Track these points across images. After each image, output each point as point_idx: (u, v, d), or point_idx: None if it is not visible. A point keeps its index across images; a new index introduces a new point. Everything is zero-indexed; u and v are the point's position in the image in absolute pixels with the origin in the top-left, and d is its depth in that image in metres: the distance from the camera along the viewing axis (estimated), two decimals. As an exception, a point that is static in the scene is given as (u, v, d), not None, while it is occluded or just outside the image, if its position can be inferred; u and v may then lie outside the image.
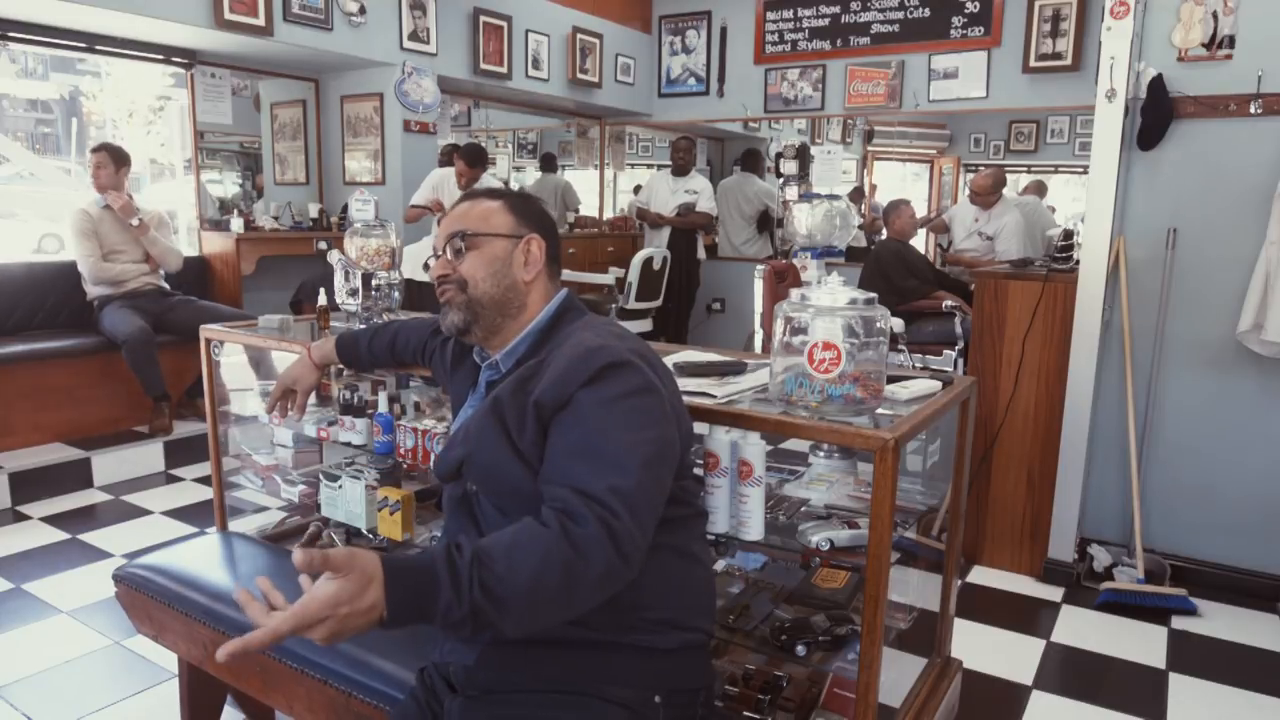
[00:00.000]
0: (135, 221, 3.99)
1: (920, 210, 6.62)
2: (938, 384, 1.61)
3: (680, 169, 5.92)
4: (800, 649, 1.51)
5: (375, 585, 0.94)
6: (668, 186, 5.95)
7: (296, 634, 0.92)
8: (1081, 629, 2.65)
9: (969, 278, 4.22)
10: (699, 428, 1.46)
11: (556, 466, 1.13)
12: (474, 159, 4.78)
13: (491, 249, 1.31)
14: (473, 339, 1.35)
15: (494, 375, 1.35)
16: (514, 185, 7.04)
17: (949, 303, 4.03)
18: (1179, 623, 2.68)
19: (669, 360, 1.64)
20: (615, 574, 1.05)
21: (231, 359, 2.30)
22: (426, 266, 1.39)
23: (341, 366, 1.90)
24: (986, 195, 4.92)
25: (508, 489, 1.19)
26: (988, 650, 2.49)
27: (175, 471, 3.93)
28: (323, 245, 4.84)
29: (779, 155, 6.18)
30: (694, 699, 1.27)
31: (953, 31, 5.18)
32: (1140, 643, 2.56)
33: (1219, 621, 2.69)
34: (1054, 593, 2.89)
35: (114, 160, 4.00)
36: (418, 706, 1.29)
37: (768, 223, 6.65)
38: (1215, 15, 2.72)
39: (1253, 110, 2.70)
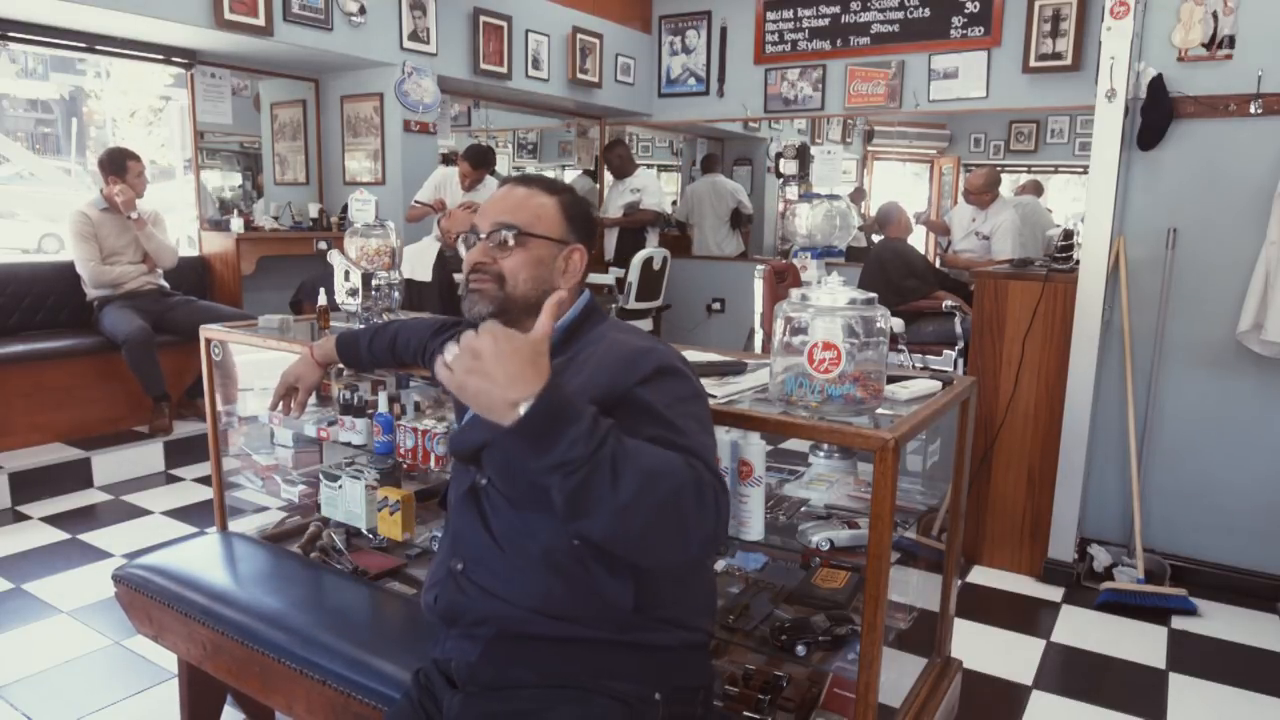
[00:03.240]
0: (134, 215, 3.99)
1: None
2: (938, 384, 1.61)
3: (619, 172, 5.93)
4: (800, 649, 1.51)
5: (540, 370, 0.94)
6: (616, 190, 5.99)
7: (469, 336, 0.95)
8: (1081, 629, 2.65)
9: (969, 277, 4.22)
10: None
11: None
12: (479, 160, 4.77)
13: (537, 250, 1.27)
14: None
15: None
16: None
17: (949, 303, 4.03)
18: (1179, 623, 2.68)
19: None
20: (706, 543, 1.04)
21: (242, 358, 2.30)
22: (465, 240, 1.32)
23: (342, 366, 1.90)
24: (980, 194, 4.92)
25: (524, 481, 1.19)
26: (988, 650, 2.49)
27: (175, 471, 3.93)
28: (323, 245, 4.83)
29: (779, 155, 6.19)
30: (694, 697, 1.27)
31: (953, 31, 5.18)
32: (1140, 643, 2.56)
33: (1219, 621, 2.69)
34: (1054, 593, 2.89)
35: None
36: (412, 708, 1.29)
37: (739, 219, 6.73)
38: (1215, 15, 2.72)
39: (1253, 110, 2.70)
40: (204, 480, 3.74)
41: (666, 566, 1.14)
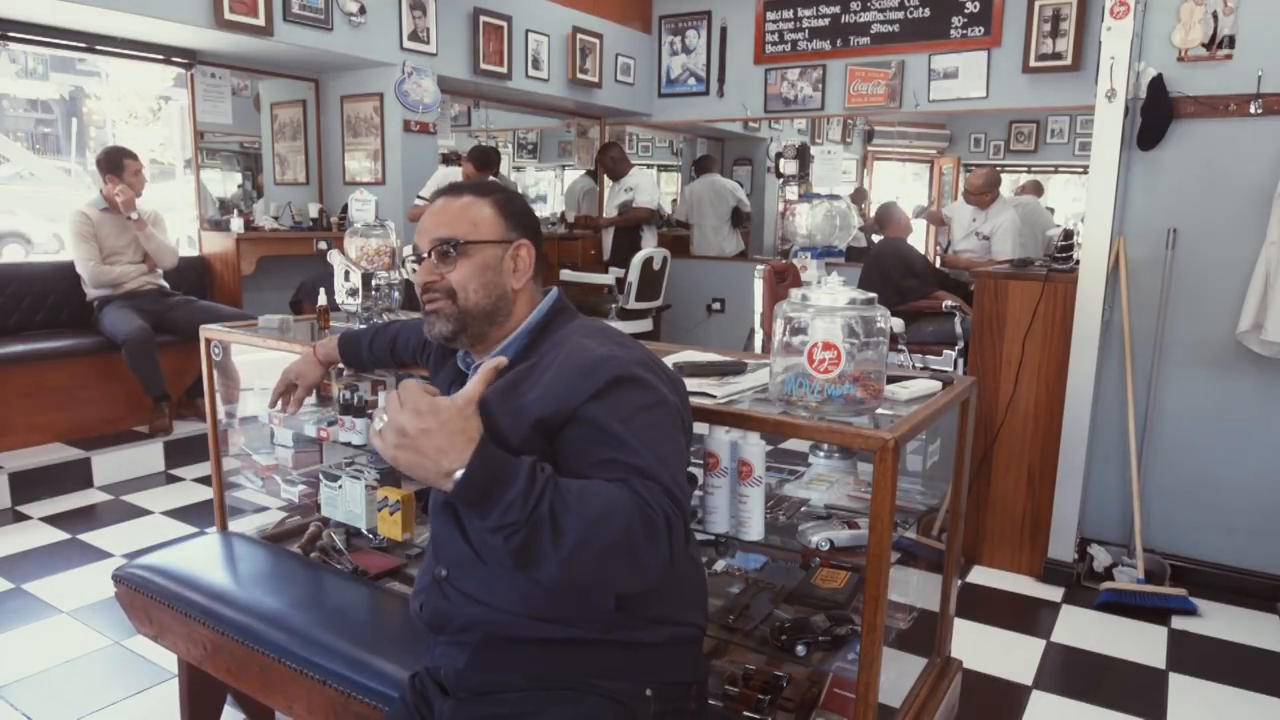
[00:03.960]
0: (134, 215, 3.99)
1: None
2: (938, 384, 1.61)
3: (613, 174, 5.94)
4: (800, 649, 1.51)
5: (470, 437, 0.95)
6: (613, 191, 6.00)
7: (394, 409, 0.95)
8: (1081, 629, 2.65)
9: (969, 277, 4.22)
10: (699, 428, 1.46)
11: (594, 472, 1.08)
12: (483, 162, 4.77)
13: (482, 257, 1.26)
14: (459, 345, 1.33)
15: None
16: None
17: (949, 303, 4.03)
18: (1179, 623, 2.68)
19: (669, 360, 1.64)
20: (659, 566, 1.04)
21: (241, 358, 2.30)
22: (412, 263, 1.34)
23: (343, 366, 1.90)
24: (980, 194, 4.92)
25: None
26: (988, 650, 2.49)
27: (175, 471, 3.93)
28: (323, 245, 4.83)
29: (779, 155, 6.18)
30: (686, 692, 1.27)
31: (953, 31, 5.18)
32: (1140, 643, 2.56)
33: (1219, 621, 2.69)
34: (1054, 593, 2.89)
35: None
36: (407, 712, 1.29)
37: (739, 219, 6.75)
38: (1215, 15, 2.72)
39: (1253, 110, 2.70)
40: (204, 480, 3.74)
41: (626, 592, 1.15)
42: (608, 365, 1.12)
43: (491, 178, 4.86)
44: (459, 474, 0.94)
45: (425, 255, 1.28)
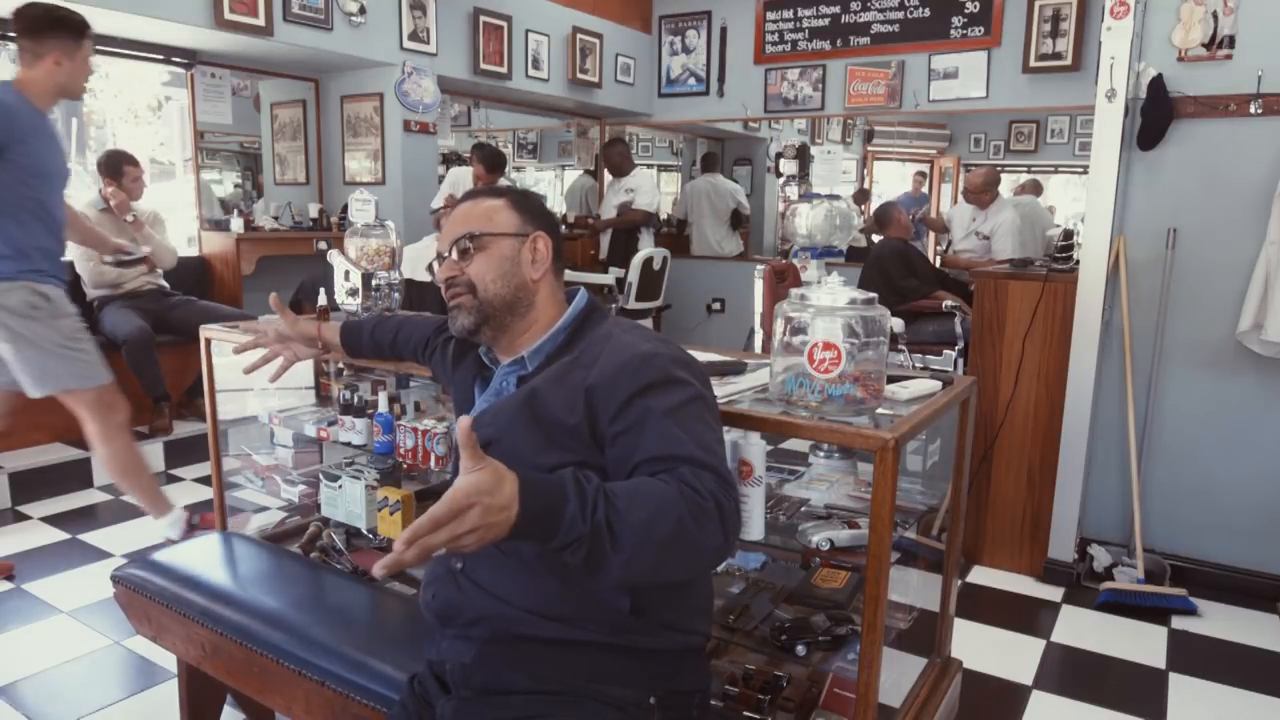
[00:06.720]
0: (130, 218, 3.99)
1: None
2: (938, 384, 1.61)
3: (616, 170, 5.93)
4: (800, 649, 1.51)
5: (510, 482, 0.94)
6: (613, 189, 6.00)
7: (450, 518, 0.90)
8: (1081, 629, 2.65)
9: (969, 277, 4.22)
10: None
11: (648, 465, 1.11)
12: (493, 164, 4.79)
13: (499, 249, 1.30)
14: (482, 339, 1.34)
15: (521, 371, 1.32)
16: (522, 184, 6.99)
17: (949, 303, 4.03)
18: (1179, 623, 2.68)
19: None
20: (720, 552, 1.10)
21: (240, 358, 2.28)
22: (431, 269, 1.37)
23: (342, 367, 1.90)
24: (979, 194, 4.92)
25: None
26: (988, 650, 2.49)
27: (175, 471, 3.93)
28: (323, 245, 4.83)
29: (779, 155, 6.18)
30: (689, 702, 1.27)
31: (953, 31, 5.18)
32: (1140, 643, 2.56)
33: (1219, 621, 2.69)
34: (1054, 593, 2.89)
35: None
36: (406, 716, 1.29)
37: (739, 220, 6.74)
38: (1215, 15, 2.72)
39: (1253, 110, 2.70)
40: (204, 480, 3.73)
41: (709, 568, 1.23)
42: (651, 364, 1.16)
43: (502, 180, 4.87)
44: (516, 511, 0.94)
45: (446, 254, 1.32)
